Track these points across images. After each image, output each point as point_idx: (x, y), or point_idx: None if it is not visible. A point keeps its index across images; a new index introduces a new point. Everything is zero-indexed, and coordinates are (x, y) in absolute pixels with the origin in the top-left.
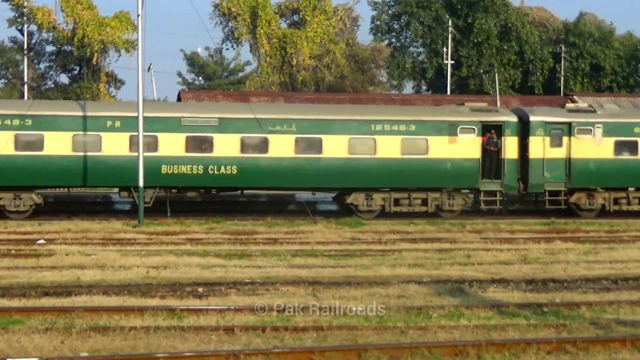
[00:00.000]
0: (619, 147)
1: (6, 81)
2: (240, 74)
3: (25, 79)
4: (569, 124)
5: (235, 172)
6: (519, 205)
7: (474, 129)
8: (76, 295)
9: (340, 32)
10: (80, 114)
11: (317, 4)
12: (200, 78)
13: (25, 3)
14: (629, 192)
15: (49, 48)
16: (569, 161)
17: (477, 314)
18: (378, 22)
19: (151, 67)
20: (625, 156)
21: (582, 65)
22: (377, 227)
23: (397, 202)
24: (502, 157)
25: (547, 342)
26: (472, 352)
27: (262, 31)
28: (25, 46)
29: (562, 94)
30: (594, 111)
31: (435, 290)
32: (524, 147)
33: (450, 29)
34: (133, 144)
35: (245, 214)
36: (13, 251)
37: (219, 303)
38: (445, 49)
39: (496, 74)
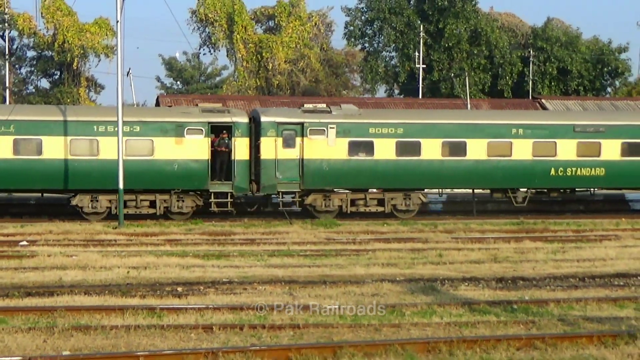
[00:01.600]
0: (354, 147)
1: None
2: (218, 79)
3: (7, 84)
4: (302, 125)
5: None
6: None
7: (202, 129)
8: (58, 295)
9: (314, 37)
10: None
11: (292, 10)
12: (178, 82)
13: (6, 9)
14: (367, 194)
15: (30, 53)
16: (302, 162)
17: (449, 312)
18: (351, 28)
19: (130, 71)
20: (361, 157)
21: (550, 69)
22: (352, 227)
23: (126, 204)
24: (233, 158)
25: (517, 338)
26: (444, 349)
27: (238, 36)
28: (7, 51)
29: (530, 97)
30: (329, 112)
31: (408, 289)
32: (257, 148)
33: (421, 34)
34: None
35: (223, 216)
36: None
37: (197, 302)
38: (417, 54)
39: (467, 78)
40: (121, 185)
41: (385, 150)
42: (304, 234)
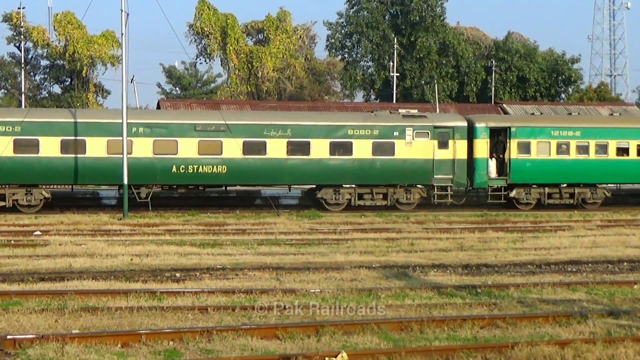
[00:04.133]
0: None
1: (5, 91)
2: (212, 85)
3: (23, 90)
4: None
5: None
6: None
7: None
8: (68, 280)
9: (299, 48)
10: None
11: (279, 24)
12: (177, 88)
13: (22, 23)
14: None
15: (44, 62)
16: None
17: (420, 295)
18: (332, 40)
19: (134, 78)
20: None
21: (510, 77)
22: (333, 218)
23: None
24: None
25: (481, 318)
26: (415, 328)
27: (231, 48)
28: (22, 61)
29: (493, 102)
30: None
31: (384, 274)
32: None
33: (395, 46)
34: None
35: (216, 208)
36: (12, 241)
37: (194, 286)
38: (391, 63)
39: (436, 85)
40: (125, 181)
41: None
42: (290, 225)
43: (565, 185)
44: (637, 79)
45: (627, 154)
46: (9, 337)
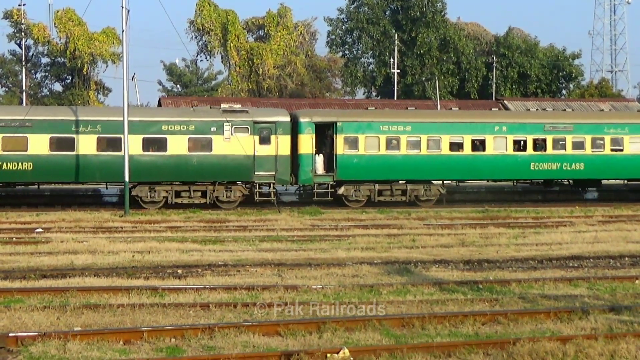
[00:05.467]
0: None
1: (6, 89)
2: (213, 82)
3: (24, 87)
4: None
5: None
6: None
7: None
8: (70, 277)
9: (300, 45)
10: None
11: (280, 21)
12: (178, 86)
13: (23, 20)
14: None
15: (44, 60)
16: None
17: (422, 291)
18: (333, 37)
19: (135, 76)
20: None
21: (511, 74)
22: (334, 215)
23: None
24: None
25: (482, 314)
26: (417, 324)
27: (232, 44)
28: (23, 58)
29: (494, 98)
30: None
31: (385, 270)
32: None
33: (396, 42)
34: None
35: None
36: (14, 239)
37: (196, 283)
38: (392, 60)
39: (437, 82)
40: (127, 178)
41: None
42: (291, 221)
43: (403, 182)
44: (638, 74)
45: (462, 149)
46: (11, 334)
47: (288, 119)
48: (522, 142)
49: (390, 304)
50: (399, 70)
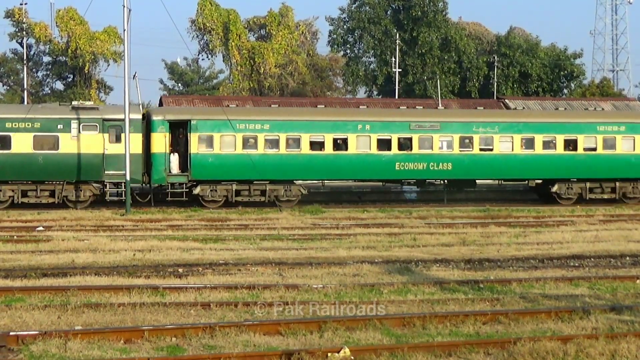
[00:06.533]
0: None
1: (8, 88)
2: (215, 81)
3: (25, 86)
4: None
5: None
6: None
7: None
8: (71, 275)
9: (301, 44)
10: None
11: (281, 20)
12: (179, 84)
13: (25, 19)
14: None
15: (46, 59)
16: None
17: (423, 290)
18: (335, 36)
19: (136, 75)
20: None
21: (513, 73)
22: (335, 214)
23: None
24: None
25: (483, 314)
26: (417, 323)
27: (233, 43)
28: (25, 57)
29: (495, 97)
30: None
31: (386, 270)
32: None
33: (397, 41)
34: None
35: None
36: (15, 237)
37: (196, 282)
38: (393, 59)
39: (438, 81)
40: (128, 177)
41: None
42: (292, 220)
43: (262, 182)
44: (639, 74)
45: (323, 149)
46: (11, 333)
47: (139, 116)
48: (387, 142)
49: (391, 303)
50: (400, 70)
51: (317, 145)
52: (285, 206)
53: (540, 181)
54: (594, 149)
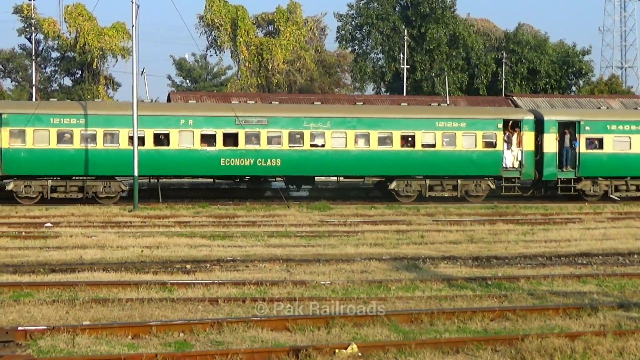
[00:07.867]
0: None
1: (16, 84)
2: (223, 77)
3: (34, 82)
4: None
5: None
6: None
7: None
8: (79, 271)
9: (310, 40)
10: None
11: (289, 16)
12: (187, 81)
13: (33, 15)
14: None
15: (54, 54)
16: None
17: (430, 287)
18: (343, 32)
19: (144, 71)
20: None
21: (521, 70)
22: (343, 210)
23: None
24: None
25: (491, 310)
26: (425, 320)
27: (241, 40)
28: (33, 53)
29: (503, 94)
30: None
31: (394, 266)
32: None
33: (405, 37)
34: None
35: (227, 200)
36: (23, 233)
37: (204, 278)
38: (401, 55)
39: (446, 77)
40: (136, 173)
41: None
42: (300, 217)
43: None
44: None
45: (144, 144)
46: (20, 328)
47: None
48: (212, 137)
49: (399, 299)
50: (408, 66)
51: (139, 140)
52: (105, 203)
53: (378, 179)
54: (433, 146)
